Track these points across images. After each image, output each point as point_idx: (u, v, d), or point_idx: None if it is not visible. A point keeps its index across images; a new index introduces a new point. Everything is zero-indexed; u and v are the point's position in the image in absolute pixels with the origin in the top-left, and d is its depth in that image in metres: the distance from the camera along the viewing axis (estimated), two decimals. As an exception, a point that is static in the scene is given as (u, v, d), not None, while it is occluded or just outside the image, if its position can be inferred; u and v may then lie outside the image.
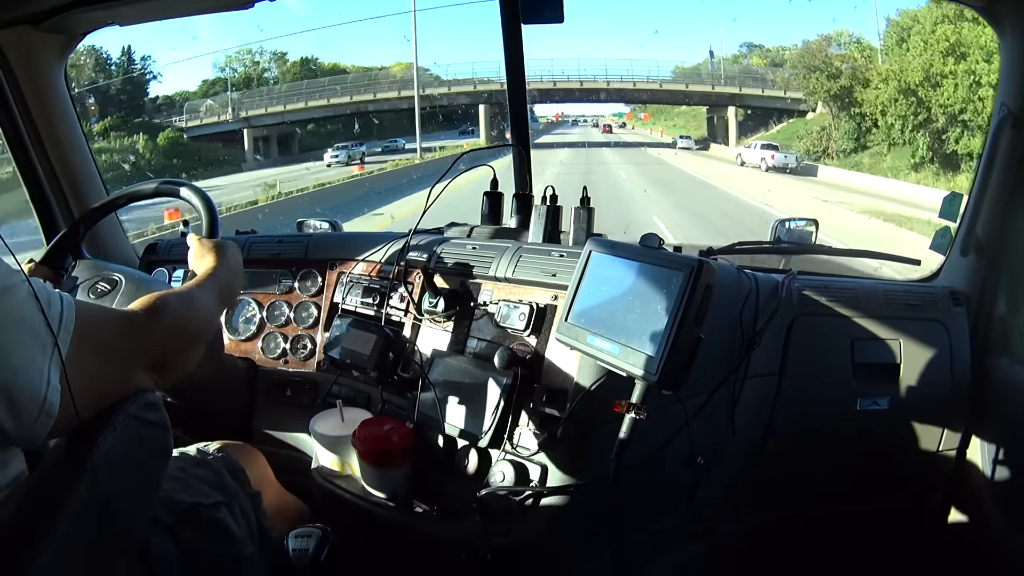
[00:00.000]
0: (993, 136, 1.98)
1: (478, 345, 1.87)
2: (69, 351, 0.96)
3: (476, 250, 1.98)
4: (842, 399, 2.00)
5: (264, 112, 42.82)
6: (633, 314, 1.42)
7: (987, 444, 2.05)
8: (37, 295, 0.94)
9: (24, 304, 0.92)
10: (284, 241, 2.39)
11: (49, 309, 0.95)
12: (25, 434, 0.94)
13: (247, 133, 41.60)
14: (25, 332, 0.92)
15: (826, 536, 2.18)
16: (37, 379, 0.92)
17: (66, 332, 0.97)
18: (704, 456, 1.75)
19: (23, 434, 0.94)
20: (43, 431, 0.95)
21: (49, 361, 0.94)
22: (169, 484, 1.35)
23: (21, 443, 1.01)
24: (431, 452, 1.80)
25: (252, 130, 41.86)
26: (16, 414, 0.91)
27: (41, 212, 2.42)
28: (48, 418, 0.94)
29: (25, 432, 0.94)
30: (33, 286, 0.95)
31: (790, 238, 2.42)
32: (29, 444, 1.01)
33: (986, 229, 2.04)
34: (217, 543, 1.39)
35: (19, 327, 0.91)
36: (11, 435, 0.93)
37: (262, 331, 2.31)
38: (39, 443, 0.99)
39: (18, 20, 2.11)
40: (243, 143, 41.80)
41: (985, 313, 2.08)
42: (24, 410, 0.92)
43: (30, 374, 0.92)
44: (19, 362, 0.91)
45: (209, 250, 1.52)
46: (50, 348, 0.94)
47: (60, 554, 0.95)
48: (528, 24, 2.37)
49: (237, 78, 49.12)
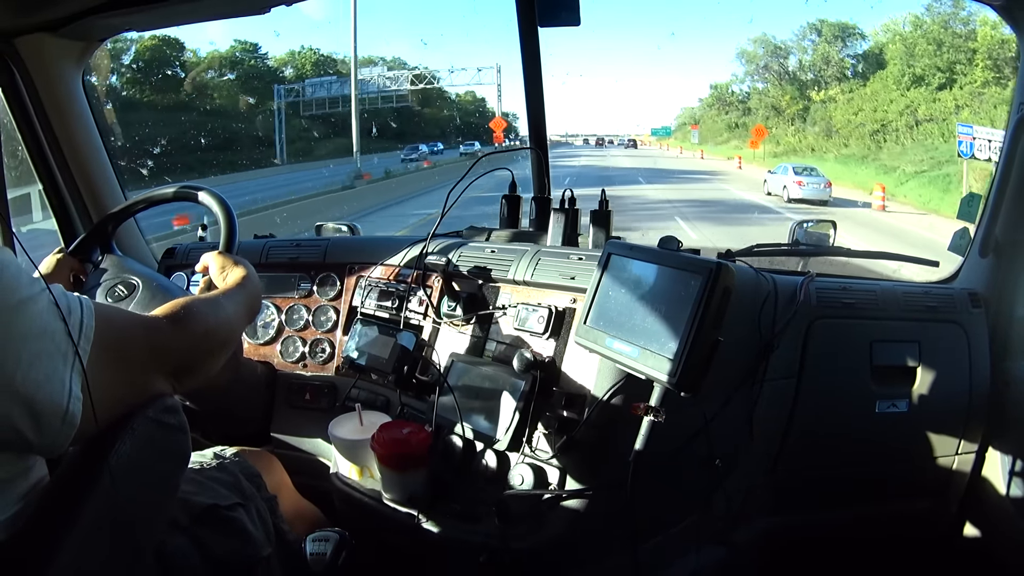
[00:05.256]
0: (1011, 136, 1.97)
1: (497, 348, 1.87)
2: (90, 359, 0.96)
3: (495, 253, 1.99)
4: (860, 402, 1.99)
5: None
6: (652, 317, 1.43)
7: (1006, 447, 2.04)
8: (57, 303, 0.94)
9: (45, 314, 0.92)
10: (303, 245, 2.39)
11: (69, 316, 0.95)
12: (47, 444, 0.94)
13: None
14: (47, 343, 0.91)
15: (843, 540, 2.17)
16: (59, 390, 0.92)
17: (86, 340, 0.96)
18: (722, 459, 1.75)
19: (45, 444, 0.94)
20: (65, 441, 0.94)
21: (71, 371, 0.93)
22: (186, 486, 1.35)
23: (43, 452, 1.00)
24: (450, 455, 1.80)
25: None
26: (39, 426, 0.91)
27: (60, 216, 2.44)
28: (70, 428, 0.93)
29: (48, 443, 0.93)
30: (53, 294, 0.94)
31: (808, 240, 2.41)
32: (50, 453, 1.00)
33: (1005, 230, 2.03)
34: (234, 544, 1.38)
35: (40, 339, 0.91)
36: (34, 445, 0.92)
37: (281, 335, 2.31)
38: (60, 452, 0.98)
39: (36, 27, 2.12)
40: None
41: (1004, 315, 2.07)
42: (47, 422, 0.91)
43: (52, 385, 0.91)
44: (41, 374, 0.90)
45: (235, 263, 1.53)
46: (71, 357, 0.94)
47: (78, 556, 0.96)
48: (544, 27, 2.38)
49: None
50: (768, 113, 48.74)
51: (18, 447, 0.94)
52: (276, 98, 42.07)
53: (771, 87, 48.97)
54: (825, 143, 41.89)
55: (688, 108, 64.15)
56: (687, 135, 57.32)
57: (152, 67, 40.62)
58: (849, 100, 42.60)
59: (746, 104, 52.31)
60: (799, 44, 47.51)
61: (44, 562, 0.93)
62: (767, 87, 49.55)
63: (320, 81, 44.06)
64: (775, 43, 48.45)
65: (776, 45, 48.31)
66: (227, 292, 1.39)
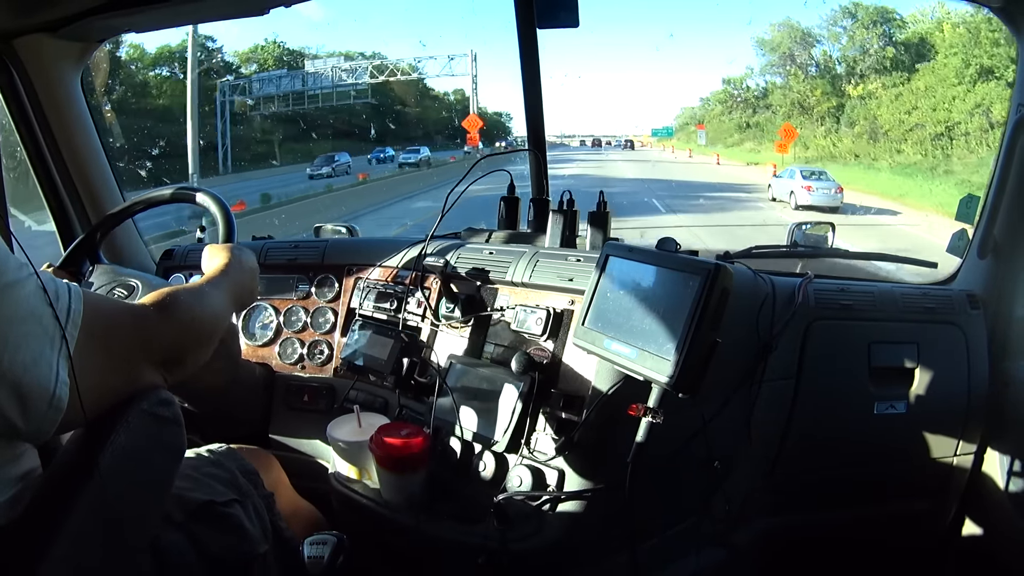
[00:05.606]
0: (1010, 137, 1.97)
1: (495, 350, 1.87)
2: (77, 344, 0.96)
3: (493, 255, 1.99)
4: (859, 403, 1.99)
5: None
6: (650, 318, 1.43)
7: (1005, 448, 2.03)
8: (45, 287, 0.94)
9: (33, 298, 0.92)
10: (301, 246, 2.40)
11: (57, 302, 0.95)
12: (34, 429, 0.94)
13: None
14: (34, 326, 0.91)
15: (842, 541, 2.17)
16: (46, 374, 0.92)
17: (74, 325, 0.96)
18: (721, 460, 1.75)
19: (32, 429, 0.94)
20: (51, 426, 0.94)
21: (58, 355, 0.93)
22: (182, 483, 1.35)
23: (30, 438, 1.00)
24: (448, 457, 1.80)
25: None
26: (26, 410, 0.91)
27: (58, 218, 2.44)
28: (56, 413, 0.94)
29: (34, 428, 0.93)
30: (41, 278, 0.94)
31: (806, 241, 2.42)
32: (37, 439, 1.00)
33: (1003, 231, 2.03)
34: (230, 540, 1.38)
35: (27, 322, 0.91)
36: (22, 431, 0.93)
37: (279, 336, 2.31)
38: (46, 438, 0.98)
39: (35, 28, 2.12)
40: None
41: (1003, 316, 2.07)
42: (34, 406, 0.91)
43: (39, 369, 0.91)
44: (28, 357, 0.90)
45: (220, 251, 1.52)
46: (58, 342, 0.94)
47: (72, 549, 0.96)
48: (543, 28, 2.38)
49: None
50: (791, 111, 41.81)
51: (4, 432, 0.93)
52: (220, 95, 36.47)
53: (793, 80, 42.85)
54: (871, 148, 35.19)
55: (688, 108, 59.23)
56: (691, 136, 52.14)
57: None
58: (897, 97, 35.43)
59: (765, 100, 45.94)
60: (830, 31, 41.01)
61: (38, 555, 0.93)
62: (788, 80, 43.38)
63: (268, 76, 39.00)
64: (801, 28, 42.16)
65: (803, 31, 42.00)
66: (211, 280, 1.39)
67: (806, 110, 41.12)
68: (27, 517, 0.97)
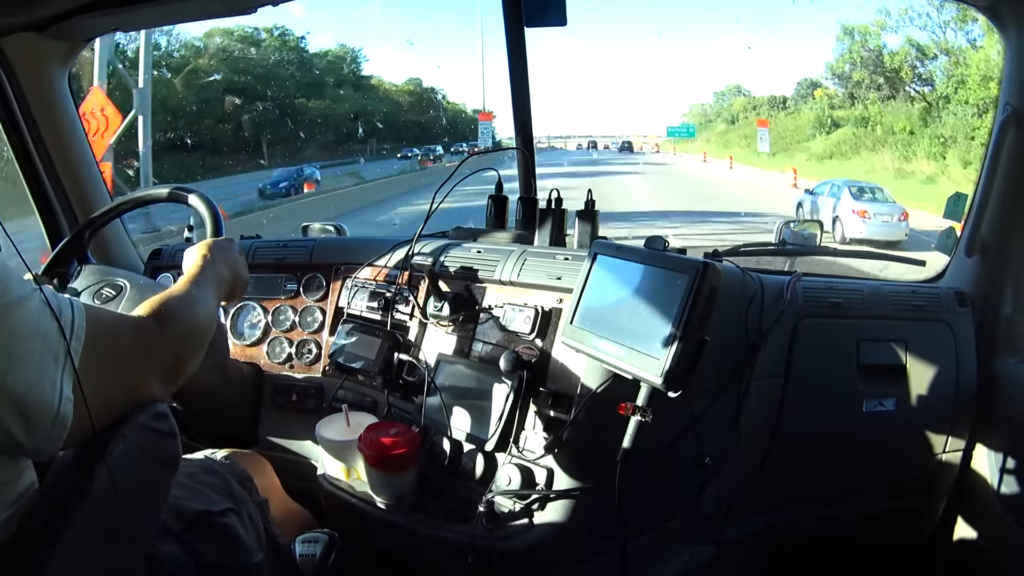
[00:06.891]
0: (997, 135, 1.98)
1: (484, 349, 1.87)
2: (81, 360, 0.95)
3: (481, 254, 1.98)
4: (848, 400, 2.00)
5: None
6: (638, 317, 1.42)
7: (993, 444, 2.04)
8: (49, 303, 0.93)
9: (36, 314, 0.91)
10: (289, 246, 2.38)
11: (61, 317, 0.94)
12: (38, 446, 0.93)
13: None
14: (38, 342, 0.91)
15: (832, 538, 2.18)
16: (50, 391, 0.91)
17: (77, 340, 0.96)
18: (710, 458, 1.75)
19: (36, 446, 0.93)
20: (56, 443, 0.94)
21: (62, 371, 0.93)
22: (177, 491, 1.34)
23: (34, 455, 1.00)
24: (437, 456, 1.80)
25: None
26: (30, 427, 0.90)
27: (45, 218, 2.43)
28: (61, 429, 0.93)
29: (38, 445, 0.93)
30: (44, 294, 0.94)
31: (795, 240, 2.43)
32: (40, 456, 0.99)
33: (991, 229, 2.04)
34: (227, 550, 1.38)
35: (32, 338, 0.90)
36: (25, 448, 0.92)
37: (267, 336, 2.30)
38: (51, 454, 0.98)
39: (22, 26, 2.11)
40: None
41: (991, 314, 2.08)
42: (38, 423, 0.91)
43: (43, 386, 0.90)
44: (32, 375, 0.89)
45: (197, 248, 1.51)
46: (62, 358, 0.93)
47: (69, 563, 0.95)
48: (531, 27, 2.38)
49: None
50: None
51: (8, 449, 0.93)
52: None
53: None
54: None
55: (698, 104, 50.60)
56: (720, 137, 40.51)
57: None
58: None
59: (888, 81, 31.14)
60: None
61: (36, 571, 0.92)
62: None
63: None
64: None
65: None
66: (193, 279, 1.37)
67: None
68: (25, 532, 0.96)
